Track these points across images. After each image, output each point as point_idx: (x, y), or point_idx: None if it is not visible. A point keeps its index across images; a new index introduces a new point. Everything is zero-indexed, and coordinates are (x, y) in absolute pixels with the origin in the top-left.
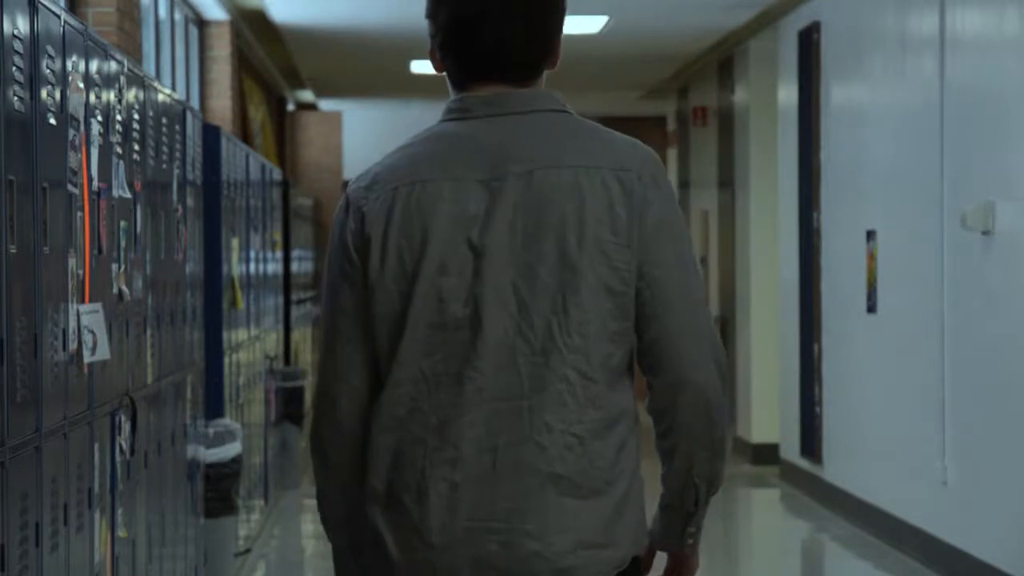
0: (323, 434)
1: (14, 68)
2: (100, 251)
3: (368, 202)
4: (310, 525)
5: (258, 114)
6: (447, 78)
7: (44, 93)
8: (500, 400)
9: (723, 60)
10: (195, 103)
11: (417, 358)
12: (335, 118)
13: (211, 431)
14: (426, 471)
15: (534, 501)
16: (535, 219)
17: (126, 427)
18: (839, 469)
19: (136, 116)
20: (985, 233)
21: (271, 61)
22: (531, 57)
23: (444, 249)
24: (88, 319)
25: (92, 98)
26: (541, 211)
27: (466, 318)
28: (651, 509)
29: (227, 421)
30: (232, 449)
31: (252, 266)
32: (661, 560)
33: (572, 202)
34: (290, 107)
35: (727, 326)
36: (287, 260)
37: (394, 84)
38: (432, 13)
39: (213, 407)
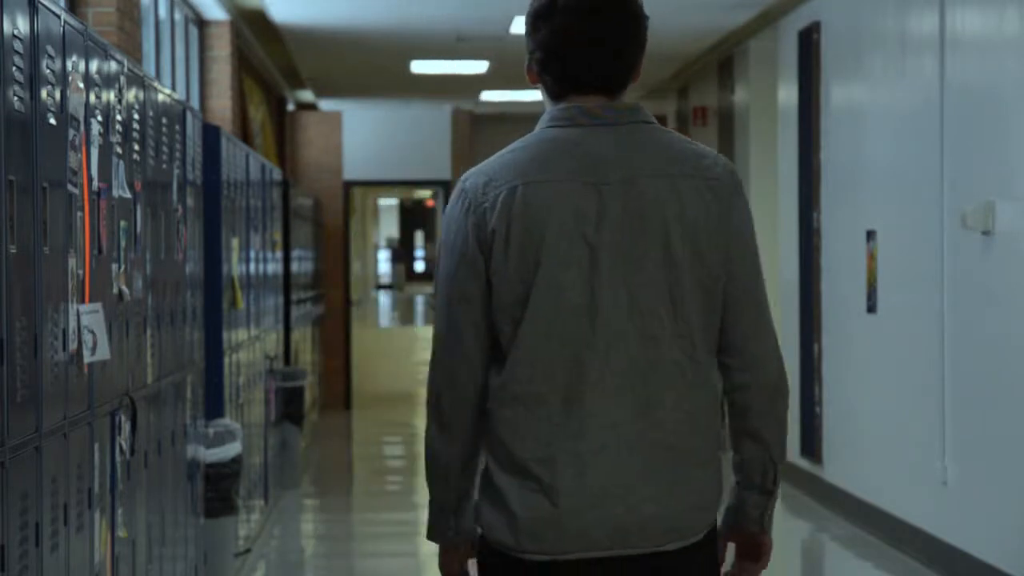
0: (444, 408)
1: (14, 68)
2: (100, 251)
3: (488, 199)
4: (310, 525)
5: (258, 114)
6: (543, 89)
7: (44, 93)
8: (618, 380)
9: (723, 60)
10: (195, 103)
11: (538, 341)
12: (335, 118)
13: (211, 431)
14: (552, 444)
15: (653, 470)
16: (640, 221)
17: (126, 427)
18: (839, 469)
19: (136, 116)
20: (985, 233)
21: (271, 61)
22: (622, 74)
23: (562, 243)
24: (88, 319)
25: (92, 98)
26: (645, 214)
27: (583, 306)
28: None
29: (227, 421)
30: (232, 449)
31: (252, 266)
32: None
33: (673, 207)
34: (290, 107)
35: None
36: (287, 260)
37: (394, 84)
38: (532, 31)
39: (213, 407)
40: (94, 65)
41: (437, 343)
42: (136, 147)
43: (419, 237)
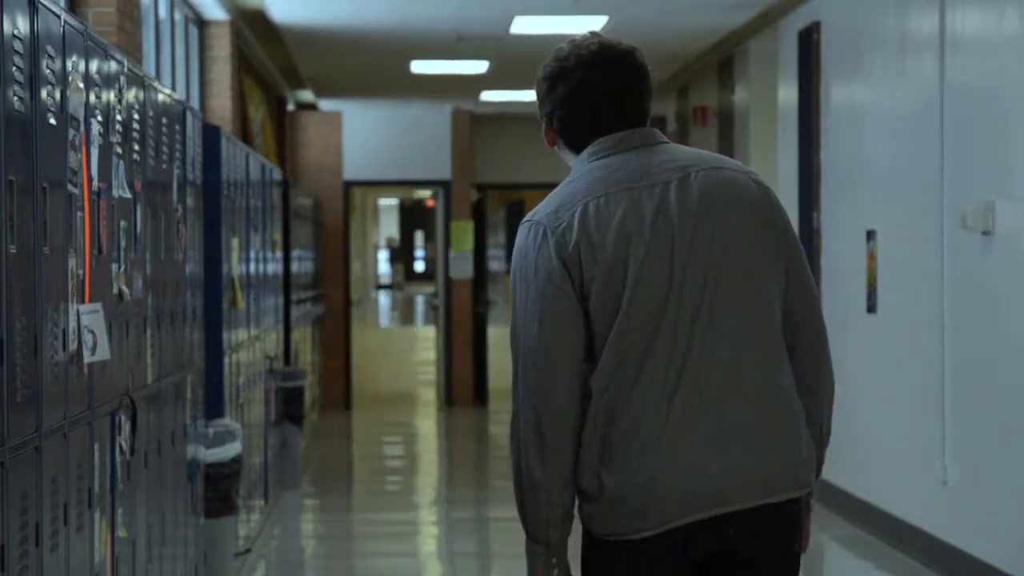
0: (545, 430)
1: (14, 68)
2: (100, 251)
3: (563, 220)
4: (310, 525)
5: (258, 114)
6: (563, 146)
7: (44, 93)
8: (707, 357)
9: (723, 60)
10: (195, 103)
11: (631, 331)
12: (335, 118)
13: (211, 431)
14: (644, 423)
15: (748, 432)
16: (706, 205)
17: (126, 427)
18: (839, 469)
19: (136, 116)
20: (985, 233)
21: (271, 61)
22: (639, 115)
23: (644, 243)
24: (88, 319)
25: (92, 98)
26: (725, 207)
27: (670, 295)
28: None
29: (227, 421)
30: (232, 449)
31: (252, 266)
32: None
33: (728, 189)
34: (290, 107)
35: None
36: (287, 260)
37: (394, 84)
38: (549, 91)
39: (213, 407)
40: (94, 65)
41: (529, 366)
42: (136, 147)
43: (419, 237)
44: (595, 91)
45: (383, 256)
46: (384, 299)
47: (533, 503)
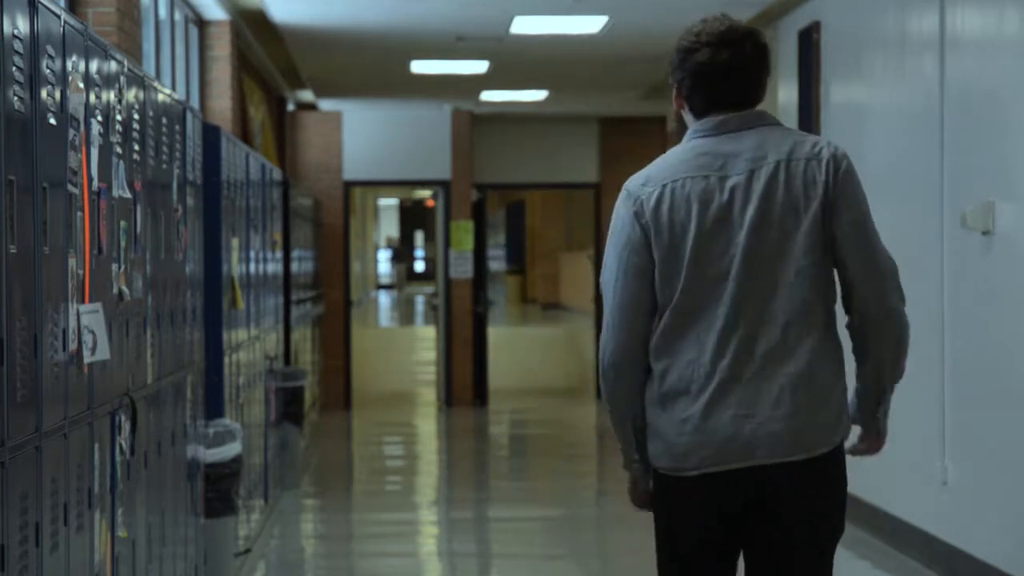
0: (620, 363)
1: (14, 68)
2: (100, 251)
3: (646, 194)
4: (310, 525)
5: (258, 114)
6: (687, 110)
7: (44, 93)
8: (751, 333)
9: None
10: (195, 103)
11: (688, 300)
12: (335, 118)
13: (211, 431)
14: (693, 381)
15: (780, 396)
16: (765, 199)
17: (126, 427)
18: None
19: (136, 116)
20: (985, 233)
21: (271, 61)
22: (752, 93)
23: (705, 223)
24: (88, 319)
25: (92, 98)
26: (781, 198)
27: (725, 271)
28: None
29: (227, 421)
30: (232, 449)
31: (252, 266)
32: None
33: (789, 183)
34: (290, 107)
35: None
36: (287, 260)
37: (394, 84)
38: (680, 62)
39: (213, 407)
40: (94, 65)
41: (611, 311)
42: (136, 147)
43: (419, 237)
44: (718, 69)
45: (385, 256)
46: (384, 299)
47: (618, 423)
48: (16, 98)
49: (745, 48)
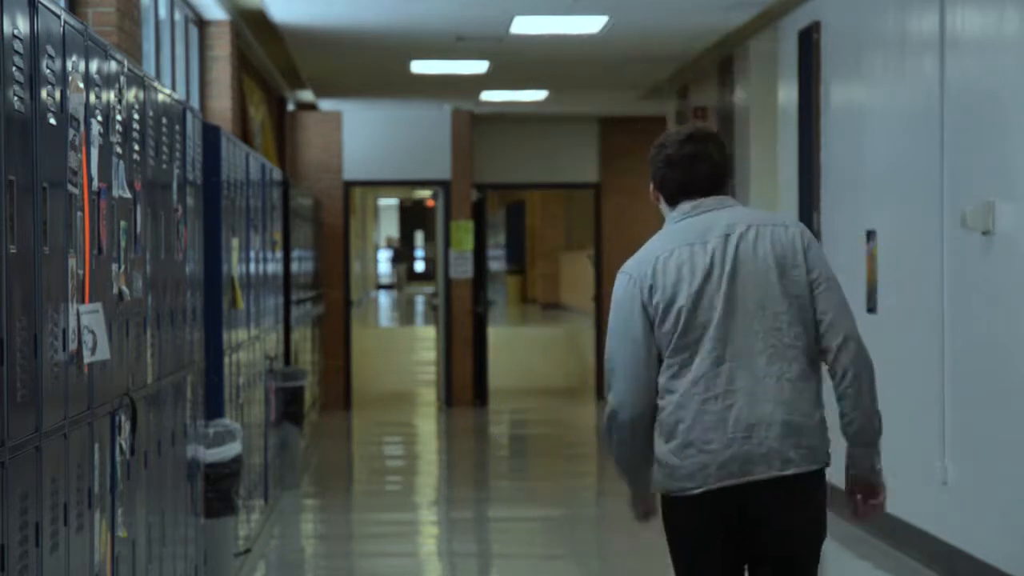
0: (624, 419)
1: (14, 68)
2: (100, 251)
3: (640, 272)
4: (310, 525)
5: (258, 114)
6: (663, 200)
7: (44, 93)
8: (740, 370)
9: (723, 60)
10: (195, 103)
11: (684, 346)
12: (335, 118)
13: (211, 431)
14: (694, 414)
15: (770, 419)
16: (746, 259)
17: (126, 427)
18: (838, 469)
19: (136, 116)
20: (985, 233)
21: (271, 61)
22: (719, 183)
23: (695, 283)
24: (88, 319)
25: (92, 98)
26: (753, 255)
27: (712, 319)
28: None
29: (227, 421)
30: (232, 449)
31: (252, 266)
32: None
33: (765, 244)
34: (290, 107)
35: None
36: (287, 260)
37: (394, 84)
38: (652, 159)
39: (213, 407)
40: (94, 65)
41: (616, 377)
42: (136, 147)
43: (419, 237)
44: (682, 157)
45: (385, 256)
46: (384, 299)
47: (626, 465)
48: (16, 98)
49: (708, 144)
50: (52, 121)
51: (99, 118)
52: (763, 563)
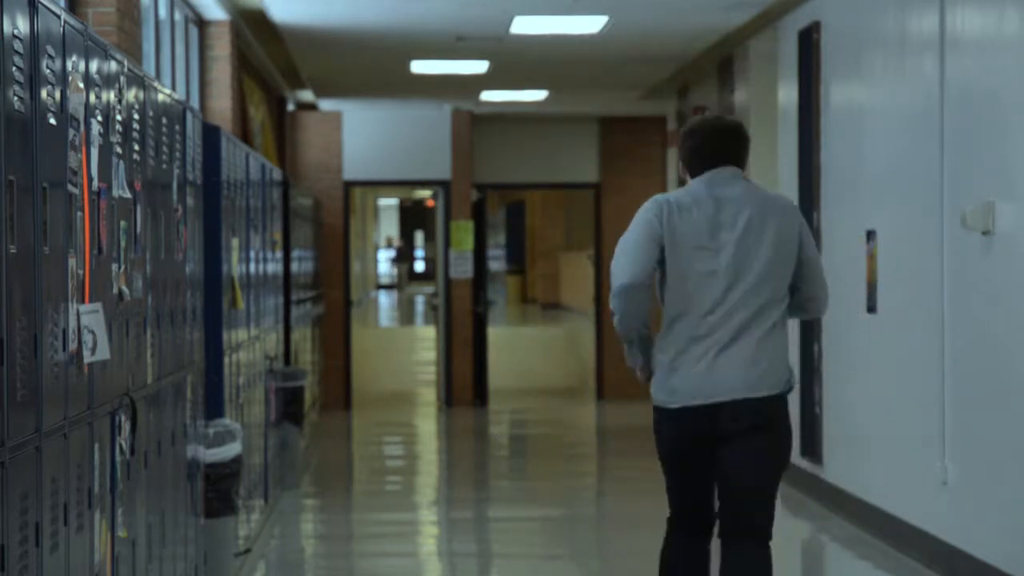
0: (631, 289)
1: (14, 68)
2: (100, 251)
3: (665, 206)
4: (310, 525)
5: (258, 114)
6: (689, 175)
7: (44, 93)
8: (727, 314)
9: (723, 60)
10: (195, 103)
11: (684, 289)
12: (335, 118)
13: (211, 431)
14: (686, 344)
15: (742, 361)
16: (749, 225)
17: (126, 427)
18: (839, 469)
19: (136, 116)
20: (985, 233)
21: (271, 61)
22: (736, 161)
23: (698, 236)
24: (88, 319)
25: (92, 98)
26: (752, 223)
27: (710, 271)
28: None
29: (227, 421)
30: (232, 449)
31: (252, 266)
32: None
33: (766, 218)
34: (290, 107)
35: None
36: (287, 260)
37: (394, 84)
38: (683, 141)
39: (213, 407)
40: (94, 65)
41: (626, 251)
42: (136, 147)
43: (419, 237)
44: (710, 147)
45: (385, 256)
46: (384, 299)
47: (626, 331)
48: (16, 98)
49: (732, 126)
50: (52, 121)
51: (99, 118)
52: (728, 478)
